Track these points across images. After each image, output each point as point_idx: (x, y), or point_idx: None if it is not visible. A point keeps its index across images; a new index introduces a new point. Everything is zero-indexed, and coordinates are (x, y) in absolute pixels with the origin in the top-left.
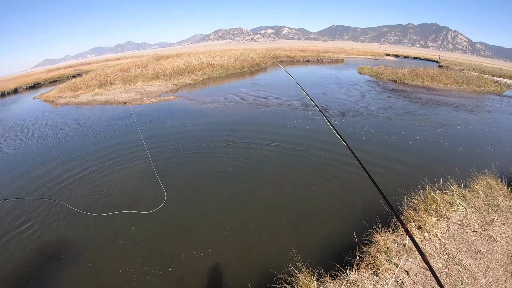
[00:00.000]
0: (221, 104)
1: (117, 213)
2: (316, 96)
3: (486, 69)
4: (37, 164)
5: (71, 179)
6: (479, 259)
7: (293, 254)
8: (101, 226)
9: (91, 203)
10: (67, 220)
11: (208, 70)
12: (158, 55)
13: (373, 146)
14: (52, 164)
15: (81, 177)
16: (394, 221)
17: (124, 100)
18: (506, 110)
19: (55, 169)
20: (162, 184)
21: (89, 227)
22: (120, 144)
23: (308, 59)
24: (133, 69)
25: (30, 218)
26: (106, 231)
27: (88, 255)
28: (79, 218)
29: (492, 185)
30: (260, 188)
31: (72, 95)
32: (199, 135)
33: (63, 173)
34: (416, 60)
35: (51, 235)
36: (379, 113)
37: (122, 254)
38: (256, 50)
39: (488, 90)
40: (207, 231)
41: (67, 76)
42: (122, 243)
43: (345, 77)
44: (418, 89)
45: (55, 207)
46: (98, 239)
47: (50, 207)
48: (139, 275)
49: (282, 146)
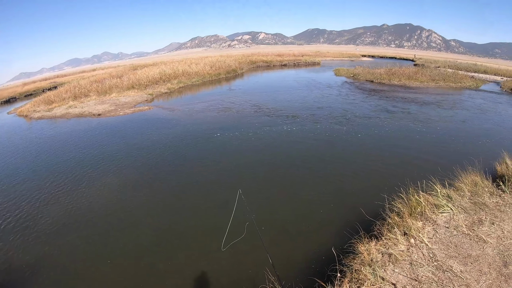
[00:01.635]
0: (195, 112)
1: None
2: (293, 100)
3: (461, 65)
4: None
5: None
6: (470, 263)
7: (269, 273)
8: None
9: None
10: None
11: (184, 78)
12: (134, 65)
13: (351, 149)
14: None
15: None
16: (377, 229)
17: (98, 112)
18: (484, 105)
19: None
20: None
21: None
22: (90, 159)
23: (285, 63)
24: (108, 80)
25: None
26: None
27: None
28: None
29: (477, 182)
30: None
31: (46, 109)
32: (169, 146)
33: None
34: (392, 60)
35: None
36: (355, 115)
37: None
38: (232, 56)
39: (465, 85)
40: (173, 250)
41: (43, 89)
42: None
43: (322, 80)
44: (395, 88)
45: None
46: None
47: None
48: None
49: (260, 157)
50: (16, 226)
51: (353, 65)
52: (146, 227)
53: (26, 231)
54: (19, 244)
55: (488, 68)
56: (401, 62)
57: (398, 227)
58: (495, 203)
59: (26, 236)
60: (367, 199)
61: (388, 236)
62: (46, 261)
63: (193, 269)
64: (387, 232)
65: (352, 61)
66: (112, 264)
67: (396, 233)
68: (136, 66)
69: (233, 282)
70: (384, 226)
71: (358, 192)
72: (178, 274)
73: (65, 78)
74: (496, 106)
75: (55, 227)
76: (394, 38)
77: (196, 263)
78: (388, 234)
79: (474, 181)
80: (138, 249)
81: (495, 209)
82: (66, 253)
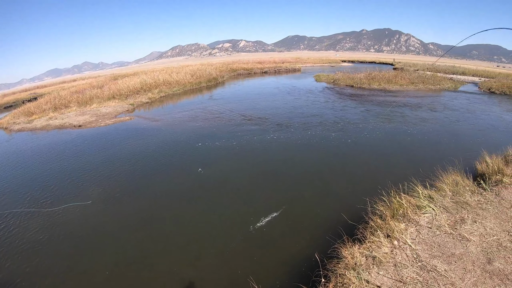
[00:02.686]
0: (176, 121)
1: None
2: (274, 107)
3: (440, 68)
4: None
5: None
6: (454, 262)
7: (253, 281)
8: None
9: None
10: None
11: (165, 88)
12: (115, 75)
13: (332, 154)
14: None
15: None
16: (360, 232)
17: (79, 123)
18: (462, 105)
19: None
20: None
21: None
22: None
23: (266, 70)
24: (88, 91)
25: None
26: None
27: None
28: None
29: (458, 182)
30: (221, 207)
31: (26, 121)
32: (151, 156)
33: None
34: (372, 65)
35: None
36: (334, 120)
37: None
38: (213, 64)
39: (443, 87)
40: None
41: (22, 101)
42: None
43: (303, 86)
44: (375, 92)
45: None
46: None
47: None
48: None
49: (246, 163)
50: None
51: (334, 70)
52: (128, 237)
53: (1, 248)
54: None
55: (466, 69)
56: (380, 66)
57: (381, 230)
58: (477, 201)
59: (0, 254)
60: (349, 203)
61: (372, 239)
62: (22, 280)
63: (176, 278)
64: (370, 235)
65: (332, 67)
66: (94, 277)
67: (379, 236)
68: (117, 76)
69: None
70: (367, 230)
71: (339, 197)
72: (161, 285)
73: (45, 89)
74: (475, 106)
75: (32, 243)
76: (373, 43)
77: (179, 272)
78: (371, 237)
79: (455, 181)
80: (122, 261)
81: (477, 207)
82: (42, 271)
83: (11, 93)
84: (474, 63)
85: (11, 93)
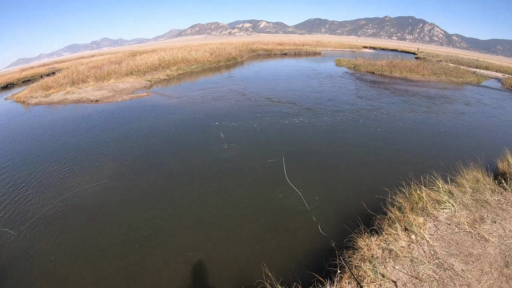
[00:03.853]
0: (193, 99)
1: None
2: (293, 90)
3: (463, 60)
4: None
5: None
6: (472, 262)
7: (266, 268)
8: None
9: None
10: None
11: (183, 65)
12: (133, 51)
13: (352, 142)
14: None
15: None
16: (377, 223)
17: (96, 98)
18: (486, 101)
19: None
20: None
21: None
22: (85, 146)
23: (286, 52)
24: (106, 66)
25: None
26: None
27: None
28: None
29: (478, 179)
30: (233, 192)
31: (44, 95)
32: (167, 133)
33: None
34: (394, 52)
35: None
36: (357, 106)
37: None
38: (232, 44)
39: (466, 80)
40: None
41: (41, 75)
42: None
43: (323, 70)
44: (397, 80)
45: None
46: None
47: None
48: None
49: (263, 146)
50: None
51: (354, 56)
52: (140, 215)
53: (15, 218)
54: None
55: (490, 64)
56: (402, 54)
57: (399, 222)
58: (497, 201)
59: (12, 224)
60: (369, 192)
61: (389, 232)
62: (24, 254)
63: (187, 258)
64: (388, 227)
65: (353, 52)
66: (105, 254)
67: (397, 229)
68: (136, 52)
69: (229, 277)
70: (385, 221)
71: (359, 185)
72: (172, 266)
73: (64, 64)
74: (498, 102)
75: (42, 217)
76: (396, 30)
77: (192, 255)
78: (389, 229)
79: (475, 178)
80: (134, 239)
81: (497, 207)
82: (45, 247)
83: (30, 67)
84: (498, 58)
85: (29, 67)
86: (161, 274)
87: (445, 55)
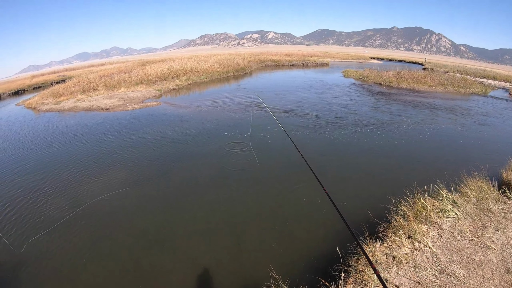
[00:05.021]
0: (203, 109)
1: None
2: (303, 101)
3: (470, 71)
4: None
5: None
6: (474, 269)
7: (273, 271)
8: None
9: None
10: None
11: (192, 75)
12: (143, 61)
13: (358, 151)
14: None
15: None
16: (382, 231)
17: (106, 106)
18: (492, 111)
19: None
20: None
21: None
22: (98, 152)
23: (294, 63)
24: (116, 75)
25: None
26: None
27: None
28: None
29: (482, 188)
30: (243, 198)
31: (55, 102)
32: (176, 142)
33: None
34: (401, 63)
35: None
36: (364, 116)
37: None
38: (241, 54)
39: (473, 91)
40: (190, 238)
41: (51, 82)
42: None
43: (330, 81)
44: (404, 91)
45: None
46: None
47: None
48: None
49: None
50: (18, 218)
51: (362, 67)
52: (149, 222)
53: (26, 223)
54: (15, 235)
55: (497, 74)
56: (410, 65)
57: (403, 230)
58: (500, 209)
59: (23, 229)
60: (374, 200)
61: (393, 239)
62: (35, 257)
63: (195, 266)
64: (392, 234)
65: (360, 63)
66: (114, 259)
67: (401, 236)
68: (145, 61)
69: (238, 279)
70: (389, 229)
71: (364, 194)
72: (180, 271)
73: (74, 72)
74: (505, 112)
75: (55, 221)
76: (403, 41)
77: (199, 260)
78: (393, 236)
79: (479, 187)
80: (142, 244)
81: (500, 216)
82: (56, 251)
83: (40, 74)
84: (506, 68)
85: (40, 74)
86: (171, 277)
87: (452, 65)
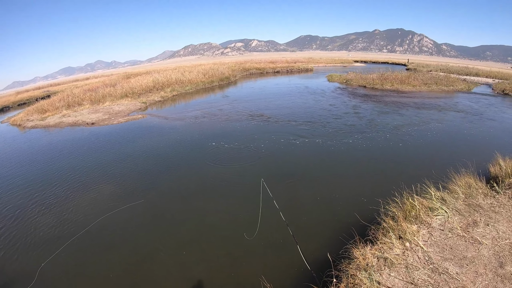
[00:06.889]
0: (189, 120)
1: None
2: (286, 107)
3: (453, 69)
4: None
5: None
6: (466, 265)
7: (264, 279)
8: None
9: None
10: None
11: (177, 86)
12: (128, 73)
13: (344, 155)
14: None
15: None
16: (372, 233)
17: (92, 121)
18: (476, 107)
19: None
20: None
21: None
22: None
23: (278, 70)
24: (101, 89)
25: None
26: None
27: None
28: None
29: (471, 184)
30: (233, 207)
31: (40, 118)
32: (163, 155)
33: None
34: (384, 65)
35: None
36: (348, 120)
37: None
38: (225, 64)
39: (457, 88)
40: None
41: (36, 98)
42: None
43: (315, 86)
44: (388, 92)
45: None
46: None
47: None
48: None
49: (256, 163)
50: (5, 238)
51: (346, 71)
52: (139, 235)
53: (16, 243)
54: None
55: (479, 70)
56: (393, 67)
57: (393, 231)
58: (490, 204)
59: (13, 249)
60: (362, 203)
61: (383, 240)
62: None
63: (187, 275)
64: (382, 236)
65: (344, 67)
66: (107, 273)
67: (391, 237)
68: (130, 74)
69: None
70: (379, 231)
71: (352, 197)
72: (173, 283)
73: (59, 87)
74: (488, 108)
75: (44, 240)
76: (386, 43)
77: (191, 271)
78: (383, 238)
79: (468, 183)
80: (134, 258)
81: (490, 210)
82: (53, 269)
83: (25, 90)
84: (488, 64)
85: (24, 90)
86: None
87: (435, 64)
